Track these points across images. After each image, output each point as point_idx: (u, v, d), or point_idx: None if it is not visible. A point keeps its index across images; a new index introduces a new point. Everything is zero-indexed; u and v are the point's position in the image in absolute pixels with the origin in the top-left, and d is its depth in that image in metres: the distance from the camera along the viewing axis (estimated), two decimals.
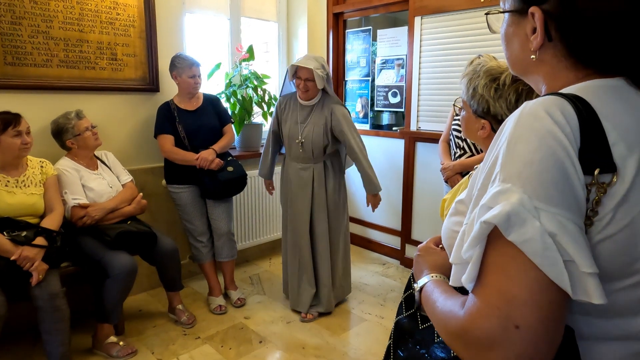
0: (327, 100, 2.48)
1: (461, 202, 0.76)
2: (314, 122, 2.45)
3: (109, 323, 2.17)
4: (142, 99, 2.74)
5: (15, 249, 1.83)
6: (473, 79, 1.06)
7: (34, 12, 2.28)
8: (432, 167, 3.09)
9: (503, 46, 0.70)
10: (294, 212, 2.57)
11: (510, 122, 0.57)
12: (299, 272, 2.59)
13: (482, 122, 1.08)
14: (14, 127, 1.91)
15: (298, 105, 2.52)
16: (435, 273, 0.79)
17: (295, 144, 2.50)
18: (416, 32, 3.08)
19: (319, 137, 2.44)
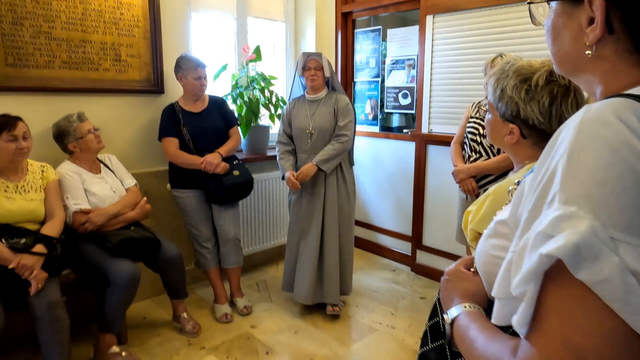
0: (334, 93, 2.63)
1: (503, 223, 0.66)
2: (322, 113, 2.56)
3: (111, 333, 2.09)
4: (146, 101, 2.67)
5: (14, 257, 1.76)
6: (501, 79, 0.97)
7: (36, 12, 2.22)
8: (444, 171, 2.99)
9: (549, 41, 0.60)
10: (307, 200, 2.58)
11: (570, 130, 0.47)
12: (311, 262, 2.57)
13: (511, 126, 0.99)
14: (8, 131, 1.84)
15: (306, 102, 2.63)
16: (467, 302, 0.69)
17: (305, 135, 2.57)
18: (428, 31, 2.98)
19: (329, 124, 2.54)
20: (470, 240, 1.08)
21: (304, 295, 2.57)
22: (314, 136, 2.54)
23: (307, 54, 2.57)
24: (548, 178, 0.48)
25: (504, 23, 2.58)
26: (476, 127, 2.30)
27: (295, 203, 2.65)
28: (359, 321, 2.58)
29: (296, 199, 2.64)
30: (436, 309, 0.83)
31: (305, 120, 2.58)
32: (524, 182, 0.60)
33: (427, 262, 3.21)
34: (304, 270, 2.58)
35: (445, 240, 3.05)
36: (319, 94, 2.60)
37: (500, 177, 2.22)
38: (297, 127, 2.59)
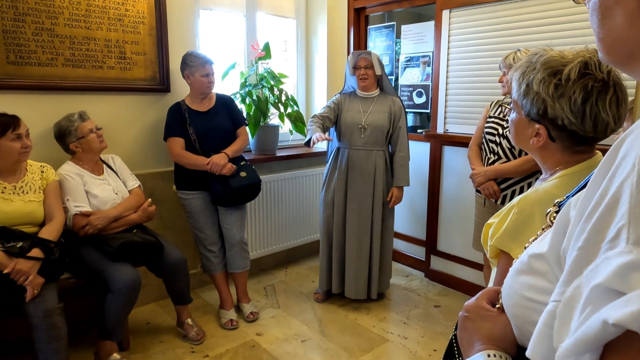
0: (387, 94, 2.65)
1: (539, 257, 0.53)
2: (377, 110, 2.58)
3: (111, 340, 2.02)
4: (151, 100, 2.60)
5: (9, 261, 1.70)
6: (527, 73, 0.84)
7: (38, 9, 2.17)
8: (460, 173, 2.85)
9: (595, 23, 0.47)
10: (354, 196, 2.60)
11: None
12: (359, 258, 2.63)
13: (537, 127, 0.86)
14: (13, 130, 1.78)
15: (359, 98, 2.63)
16: (492, 349, 0.57)
17: (357, 129, 2.56)
18: (444, 27, 2.85)
19: (383, 122, 2.55)
20: (491, 257, 0.96)
21: (356, 290, 2.66)
22: (367, 131, 2.55)
23: (357, 52, 2.60)
24: (608, 205, 0.35)
25: (525, 17, 2.43)
26: (495, 128, 2.16)
27: (339, 198, 2.63)
28: (369, 330, 2.46)
29: (340, 195, 2.63)
30: (452, 349, 0.70)
31: (357, 115, 2.57)
32: (567, 205, 0.48)
33: (441, 268, 3.07)
34: (357, 266, 2.64)
35: (462, 246, 2.91)
36: (372, 92, 2.61)
37: (521, 180, 2.08)
38: (349, 120, 2.58)
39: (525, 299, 0.54)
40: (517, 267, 0.58)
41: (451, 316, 2.62)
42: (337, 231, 2.66)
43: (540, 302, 0.49)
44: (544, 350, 0.40)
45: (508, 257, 0.88)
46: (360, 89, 2.62)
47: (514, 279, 0.57)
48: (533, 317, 0.49)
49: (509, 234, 0.88)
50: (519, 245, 0.86)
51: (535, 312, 0.49)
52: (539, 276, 0.52)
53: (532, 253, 0.55)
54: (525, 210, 0.87)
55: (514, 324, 0.57)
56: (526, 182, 2.07)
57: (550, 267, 0.50)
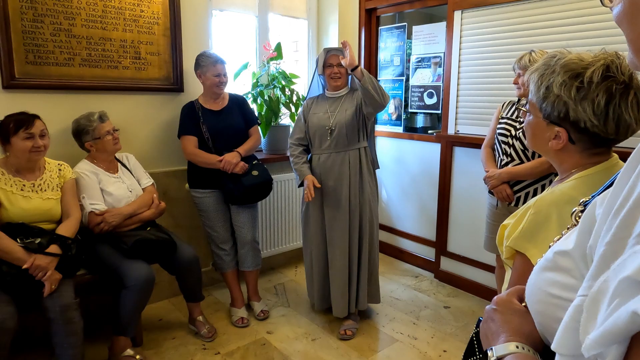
0: (356, 89, 2.38)
1: (565, 254, 0.54)
2: (345, 108, 2.39)
3: (125, 336, 2.06)
4: (165, 100, 2.63)
5: (28, 257, 1.74)
6: (546, 76, 0.84)
7: (56, 10, 2.21)
8: (471, 174, 2.85)
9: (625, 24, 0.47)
10: (329, 205, 2.40)
11: None
12: (344, 272, 2.42)
13: (557, 129, 0.86)
14: (25, 129, 1.82)
15: (326, 99, 2.46)
16: (519, 341, 0.57)
17: (325, 132, 2.38)
18: (456, 27, 2.84)
19: (350, 118, 2.35)
20: (507, 257, 0.96)
21: (342, 308, 2.44)
22: (335, 133, 2.35)
23: (327, 49, 2.39)
24: (636, 201, 0.37)
25: (538, 18, 2.42)
26: (507, 129, 2.16)
27: (315, 211, 2.44)
28: (379, 330, 2.47)
29: (315, 207, 2.44)
30: (473, 346, 0.71)
31: (324, 117, 2.39)
32: (593, 204, 0.49)
33: (451, 269, 3.07)
34: (339, 282, 2.42)
35: (472, 247, 2.91)
36: (340, 91, 2.43)
37: (535, 182, 2.08)
38: (316, 124, 2.40)
39: (549, 295, 0.54)
40: (542, 264, 0.58)
41: (461, 317, 2.62)
42: (315, 245, 2.47)
43: (565, 298, 0.49)
44: (570, 343, 0.40)
45: (524, 257, 0.89)
46: (331, 89, 2.43)
47: (539, 275, 0.58)
48: (557, 313, 0.50)
49: (525, 234, 0.88)
50: (534, 246, 0.87)
51: (559, 309, 0.49)
52: (564, 273, 0.53)
53: (558, 250, 0.55)
54: (542, 212, 0.87)
55: (538, 321, 0.58)
56: (540, 184, 2.07)
57: (575, 264, 0.50)
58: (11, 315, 1.64)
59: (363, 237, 2.43)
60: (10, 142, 1.81)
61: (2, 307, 1.64)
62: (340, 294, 2.43)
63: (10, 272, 1.71)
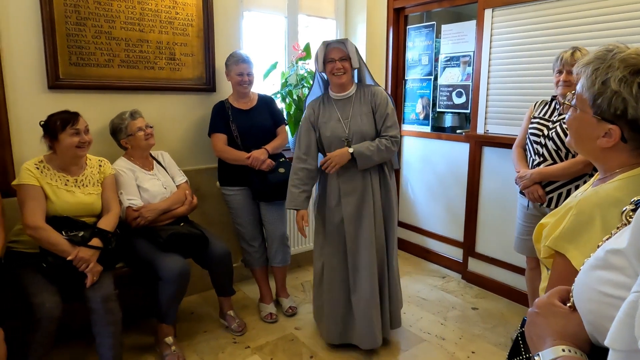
0: (366, 87, 2.17)
1: (618, 253, 0.53)
2: (359, 114, 2.10)
3: (165, 324, 2.16)
4: (198, 99, 2.71)
5: (72, 249, 1.83)
6: (602, 70, 0.80)
7: (98, 13, 2.30)
8: (501, 174, 2.81)
9: None
10: (354, 222, 2.12)
11: None
12: (369, 298, 2.11)
13: (609, 127, 0.82)
14: (72, 125, 1.90)
15: (333, 103, 2.15)
16: (565, 345, 0.57)
17: (342, 143, 2.10)
18: (486, 26, 2.82)
19: (369, 126, 2.09)
20: (544, 257, 0.95)
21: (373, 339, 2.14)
22: (353, 142, 2.08)
23: (327, 42, 2.08)
24: None
25: (572, 15, 2.38)
26: (540, 128, 2.13)
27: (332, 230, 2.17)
28: (406, 329, 2.47)
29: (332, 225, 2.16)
30: (519, 346, 0.70)
31: (338, 126, 2.10)
32: None
33: (479, 270, 3.04)
34: (366, 309, 2.11)
35: (501, 249, 2.87)
36: (347, 91, 2.14)
37: (568, 183, 2.04)
38: (330, 136, 2.11)
39: (601, 294, 0.54)
40: (592, 263, 0.58)
41: (489, 319, 2.59)
42: (330, 268, 2.18)
43: (618, 296, 0.49)
44: (624, 339, 0.41)
45: (564, 258, 0.86)
46: (336, 89, 2.14)
47: (589, 274, 0.57)
48: (609, 312, 0.50)
49: (566, 235, 0.86)
50: (575, 247, 0.85)
51: (612, 307, 0.50)
52: (616, 271, 0.53)
53: (610, 249, 0.55)
54: (585, 212, 0.85)
55: (587, 321, 0.57)
56: (573, 185, 2.03)
57: (629, 262, 0.50)
58: (57, 305, 1.73)
59: (391, 254, 2.20)
60: (58, 138, 1.90)
61: (49, 296, 1.73)
62: (367, 322, 2.13)
63: (56, 263, 1.81)
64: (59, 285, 1.81)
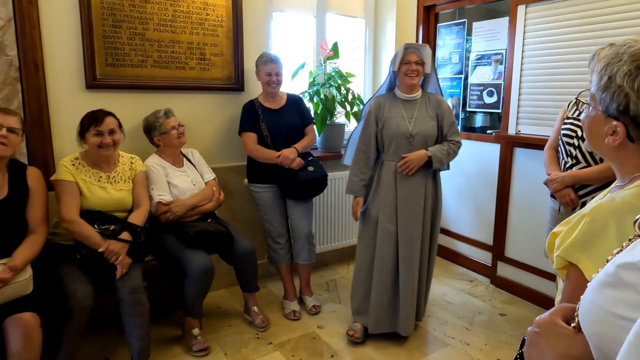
0: (431, 94, 2.35)
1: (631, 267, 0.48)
2: (424, 115, 2.28)
3: (191, 317, 2.23)
4: (227, 98, 2.76)
5: (103, 242, 1.91)
6: (611, 65, 0.77)
7: (133, 15, 2.39)
8: (533, 177, 2.72)
9: None
10: (406, 216, 2.25)
11: None
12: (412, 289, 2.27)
13: (615, 124, 0.78)
14: (95, 126, 1.98)
15: (400, 101, 2.30)
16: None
17: (404, 139, 2.24)
18: (519, 23, 2.73)
19: (432, 129, 2.27)
20: (557, 267, 0.89)
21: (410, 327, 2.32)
22: (415, 141, 2.22)
23: (407, 45, 2.24)
24: None
25: (609, 11, 2.27)
26: (573, 130, 2.04)
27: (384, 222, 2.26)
28: (430, 333, 2.44)
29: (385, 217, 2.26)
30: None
31: (402, 123, 2.24)
32: None
33: (509, 275, 2.95)
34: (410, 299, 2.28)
35: (532, 254, 2.78)
36: (415, 94, 2.29)
37: (602, 187, 1.95)
38: (394, 130, 2.24)
39: (612, 315, 0.48)
40: (601, 279, 0.52)
41: (517, 326, 2.51)
42: (381, 259, 2.28)
43: (631, 319, 0.44)
44: None
45: (577, 269, 0.82)
46: (405, 89, 2.28)
47: (598, 292, 0.51)
48: (621, 335, 0.45)
49: (578, 244, 0.82)
50: (588, 257, 0.80)
51: (623, 330, 0.44)
52: (629, 289, 0.47)
53: (622, 263, 0.49)
54: (598, 221, 0.80)
55: (595, 344, 0.52)
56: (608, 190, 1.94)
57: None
58: (89, 294, 1.81)
59: (432, 250, 2.39)
60: (85, 137, 1.99)
61: (82, 286, 1.82)
62: (410, 311, 2.30)
63: (89, 254, 1.90)
64: (91, 275, 1.90)
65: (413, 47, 2.24)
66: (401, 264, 2.26)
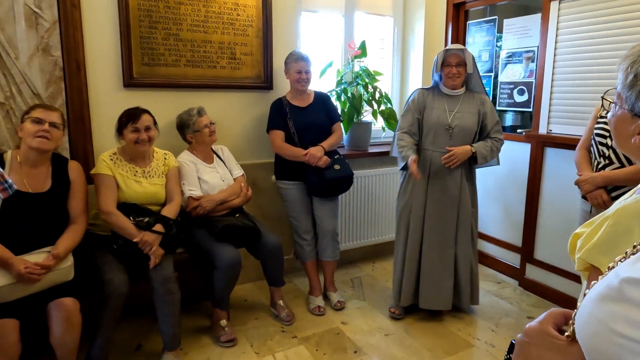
0: (476, 93, 2.47)
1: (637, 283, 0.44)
2: (465, 110, 2.40)
3: (219, 309, 2.30)
4: (256, 97, 2.83)
5: (138, 233, 2.00)
6: (637, 62, 0.74)
7: (167, 17, 2.48)
8: (564, 177, 2.66)
9: None
10: (435, 203, 2.43)
11: None
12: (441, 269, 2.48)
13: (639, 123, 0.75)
14: (132, 123, 2.08)
15: (443, 95, 2.45)
16: None
17: (443, 130, 2.38)
18: (552, 19, 2.67)
19: (472, 124, 2.39)
20: (579, 269, 0.88)
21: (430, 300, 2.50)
22: (454, 133, 2.37)
23: (447, 48, 2.39)
24: None
25: None
26: (606, 129, 1.99)
27: (417, 207, 2.45)
28: (454, 333, 2.43)
29: (418, 203, 2.44)
30: None
31: (443, 114, 2.39)
32: None
33: (538, 277, 2.90)
34: (437, 275, 2.48)
35: (562, 256, 2.72)
36: (459, 90, 2.44)
37: None
38: (434, 120, 2.39)
39: (612, 331, 0.44)
40: (603, 291, 0.48)
41: None
42: (412, 241, 2.48)
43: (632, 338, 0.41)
44: None
45: (599, 272, 0.80)
46: (449, 86, 2.43)
47: (598, 305, 0.47)
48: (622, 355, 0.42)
49: (600, 247, 0.80)
50: (610, 260, 0.79)
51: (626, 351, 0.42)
52: (632, 306, 0.43)
53: (627, 277, 0.45)
54: (622, 223, 0.78)
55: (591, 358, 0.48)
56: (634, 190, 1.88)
57: None
58: (125, 282, 1.91)
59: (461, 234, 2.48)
60: (122, 134, 2.09)
61: (118, 274, 1.92)
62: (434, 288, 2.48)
63: (125, 245, 2.00)
64: (127, 265, 2.00)
65: (454, 50, 2.37)
66: (425, 246, 2.47)
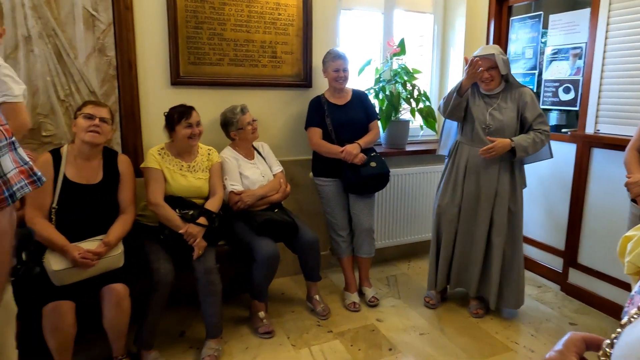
0: (513, 87, 2.43)
1: None
2: (503, 107, 2.40)
3: (258, 300, 2.37)
4: (296, 94, 2.88)
5: (183, 225, 2.10)
6: None
7: (212, 17, 2.57)
8: (611, 180, 2.56)
9: None
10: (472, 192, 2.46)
11: None
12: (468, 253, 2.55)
13: None
14: (186, 119, 2.18)
15: (482, 95, 2.47)
16: None
17: (481, 129, 2.41)
18: (602, 14, 2.56)
19: (510, 120, 2.37)
20: (628, 273, 0.84)
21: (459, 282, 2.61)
22: (492, 131, 2.37)
23: (480, 55, 2.35)
24: None
25: None
26: None
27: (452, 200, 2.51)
28: (491, 336, 2.39)
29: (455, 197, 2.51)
30: None
31: (482, 112, 2.42)
32: None
33: (581, 283, 2.80)
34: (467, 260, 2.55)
35: (607, 261, 2.61)
36: (496, 89, 2.43)
37: None
38: (474, 115, 2.42)
39: None
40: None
41: None
42: (447, 232, 2.55)
43: None
44: None
45: None
46: (485, 89, 2.44)
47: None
48: None
49: None
50: None
51: None
52: None
53: None
54: None
55: None
56: None
57: None
58: (170, 271, 2.00)
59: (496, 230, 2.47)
60: (175, 129, 2.19)
61: (165, 264, 2.02)
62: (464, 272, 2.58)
63: (171, 235, 2.09)
64: (173, 255, 2.09)
65: (482, 56, 2.33)
66: (459, 235, 2.54)
